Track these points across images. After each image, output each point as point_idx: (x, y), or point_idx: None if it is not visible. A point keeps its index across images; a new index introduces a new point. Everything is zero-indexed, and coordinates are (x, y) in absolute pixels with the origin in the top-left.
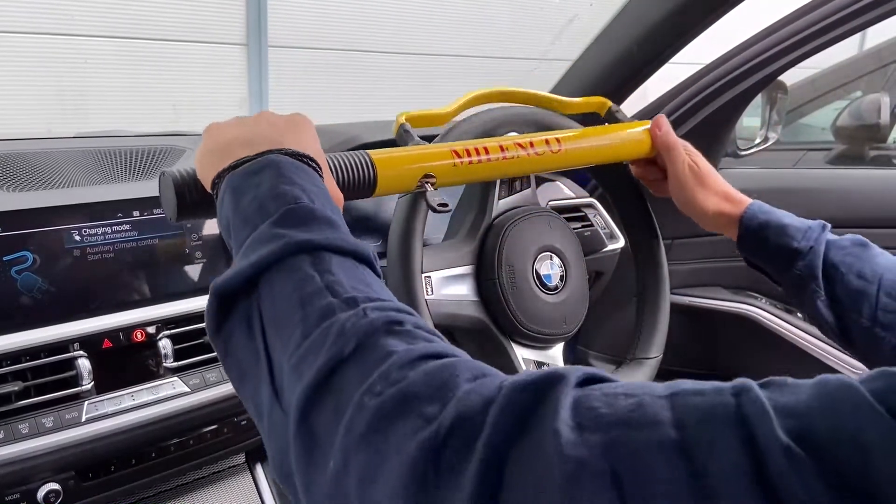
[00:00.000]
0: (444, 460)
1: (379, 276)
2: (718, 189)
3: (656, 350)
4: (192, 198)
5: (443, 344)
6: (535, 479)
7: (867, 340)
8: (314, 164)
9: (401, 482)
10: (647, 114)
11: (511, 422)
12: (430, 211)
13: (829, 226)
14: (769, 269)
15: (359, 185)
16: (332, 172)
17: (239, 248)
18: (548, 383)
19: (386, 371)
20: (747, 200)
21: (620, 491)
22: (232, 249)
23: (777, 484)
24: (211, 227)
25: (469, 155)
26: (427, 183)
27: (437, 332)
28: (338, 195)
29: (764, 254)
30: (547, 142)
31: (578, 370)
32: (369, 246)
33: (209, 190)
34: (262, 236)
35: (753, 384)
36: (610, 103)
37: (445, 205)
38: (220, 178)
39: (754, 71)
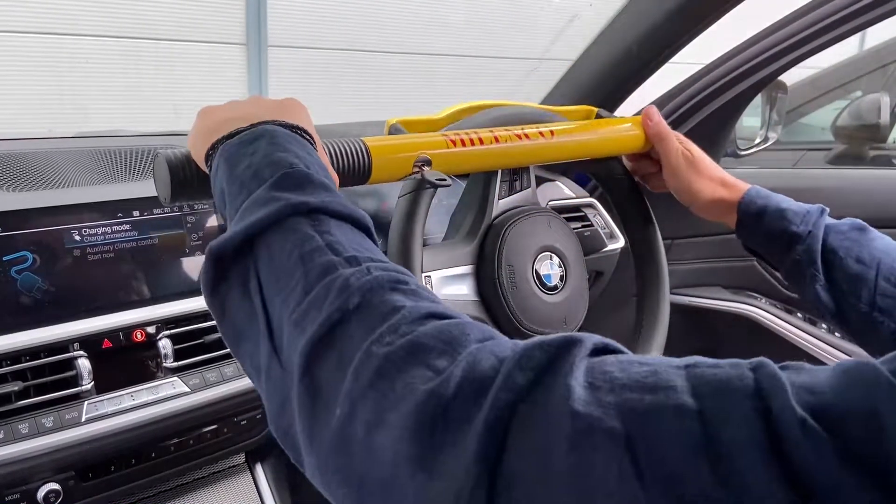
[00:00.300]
0: (452, 409)
1: (376, 244)
2: (714, 175)
3: (656, 351)
4: (187, 175)
5: (448, 307)
6: (543, 435)
7: (866, 325)
8: (308, 137)
9: (407, 427)
10: None
11: (523, 376)
12: (430, 203)
13: (828, 210)
14: (768, 255)
15: (354, 171)
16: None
17: (234, 213)
18: (563, 345)
19: (395, 324)
20: (745, 186)
21: (633, 453)
22: (226, 218)
23: (792, 456)
24: (211, 224)
25: (464, 144)
26: (422, 167)
27: (438, 297)
28: (333, 174)
29: (763, 239)
30: (541, 133)
31: (594, 337)
32: (367, 215)
33: (203, 164)
34: (259, 199)
35: (770, 362)
36: (597, 110)
37: (444, 178)
38: (213, 150)
39: (754, 71)
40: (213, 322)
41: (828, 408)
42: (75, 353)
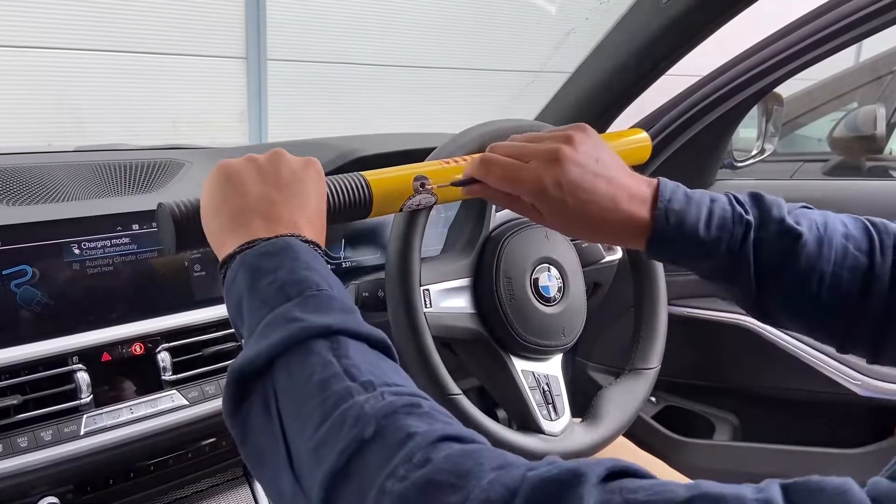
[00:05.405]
0: None
1: (394, 360)
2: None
3: (655, 360)
4: (192, 229)
5: (462, 427)
6: None
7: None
8: (321, 251)
9: None
10: (643, 125)
11: None
12: (427, 217)
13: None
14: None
15: (355, 206)
16: (328, 196)
17: (254, 327)
18: (571, 479)
19: (409, 453)
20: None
21: None
22: (241, 327)
23: None
24: None
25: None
26: (423, 189)
27: (452, 416)
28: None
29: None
30: None
31: (600, 465)
32: (383, 333)
33: (220, 264)
34: (281, 318)
35: (777, 494)
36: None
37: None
38: (231, 258)
39: (751, 82)
40: (212, 335)
41: None
42: (74, 366)
